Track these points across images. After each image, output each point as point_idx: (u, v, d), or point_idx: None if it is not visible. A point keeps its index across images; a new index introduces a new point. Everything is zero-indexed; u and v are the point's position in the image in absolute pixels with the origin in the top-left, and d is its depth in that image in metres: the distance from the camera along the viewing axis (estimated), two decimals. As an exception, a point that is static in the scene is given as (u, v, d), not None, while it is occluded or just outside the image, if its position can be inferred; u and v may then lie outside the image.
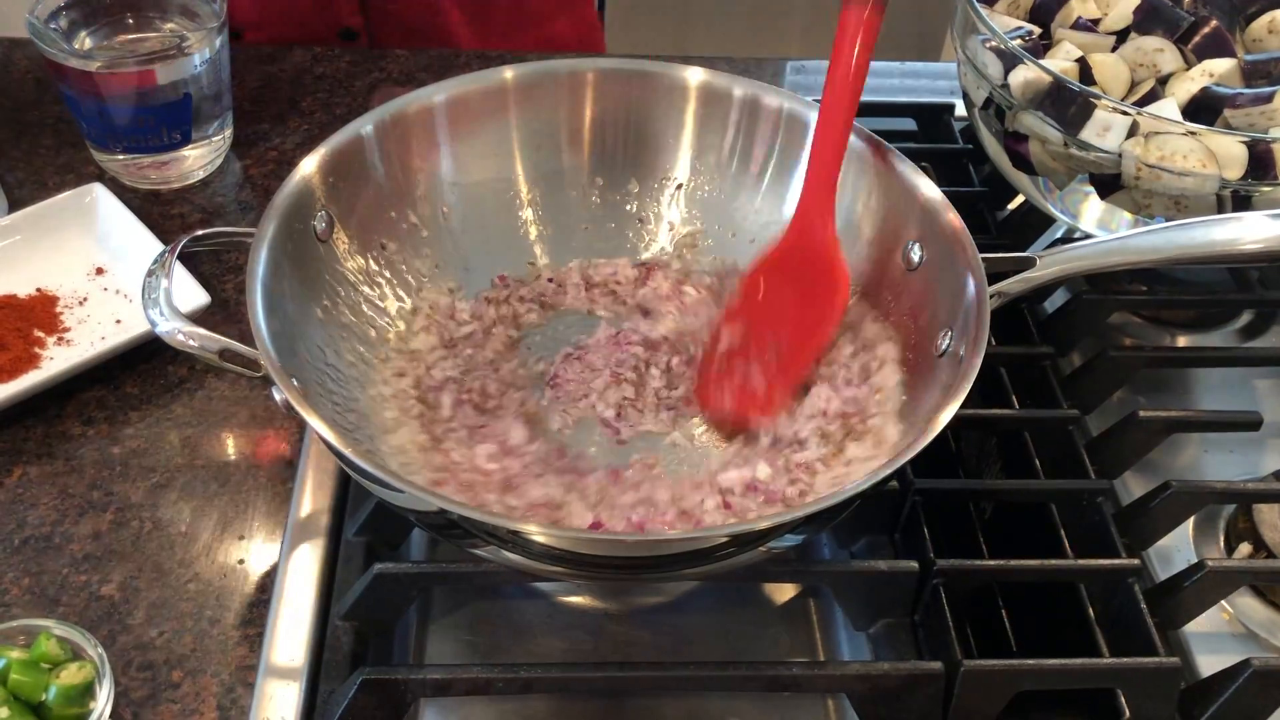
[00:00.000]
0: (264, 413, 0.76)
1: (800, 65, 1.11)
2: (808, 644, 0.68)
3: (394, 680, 0.58)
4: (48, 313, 0.80)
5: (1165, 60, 0.79)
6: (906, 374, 0.67)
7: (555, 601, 0.69)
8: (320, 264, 0.68)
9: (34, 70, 1.03)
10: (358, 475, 0.58)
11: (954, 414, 0.56)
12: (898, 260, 0.70)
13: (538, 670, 0.60)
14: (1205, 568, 0.64)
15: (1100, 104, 0.74)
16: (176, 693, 0.62)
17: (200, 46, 0.86)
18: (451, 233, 0.75)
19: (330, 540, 0.68)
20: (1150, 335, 0.87)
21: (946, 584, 0.64)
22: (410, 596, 0.65)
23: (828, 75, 0.67)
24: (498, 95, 0.74)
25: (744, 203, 0.77)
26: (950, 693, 0.61)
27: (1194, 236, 0.67)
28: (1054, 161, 0.79)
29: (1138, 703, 0.62)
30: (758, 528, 0.57)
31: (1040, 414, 0.74)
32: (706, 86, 0.75)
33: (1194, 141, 0.72)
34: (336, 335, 0.68)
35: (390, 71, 1.06)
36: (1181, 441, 0.78)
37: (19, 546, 0.68)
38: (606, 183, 0.78)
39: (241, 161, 0.96)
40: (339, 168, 0.68)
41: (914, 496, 0.67)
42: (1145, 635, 0.62)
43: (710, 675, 0.60)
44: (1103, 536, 0.67)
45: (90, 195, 0.86)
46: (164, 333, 0.60)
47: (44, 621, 0.60)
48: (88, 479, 0.72)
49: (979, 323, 0.60)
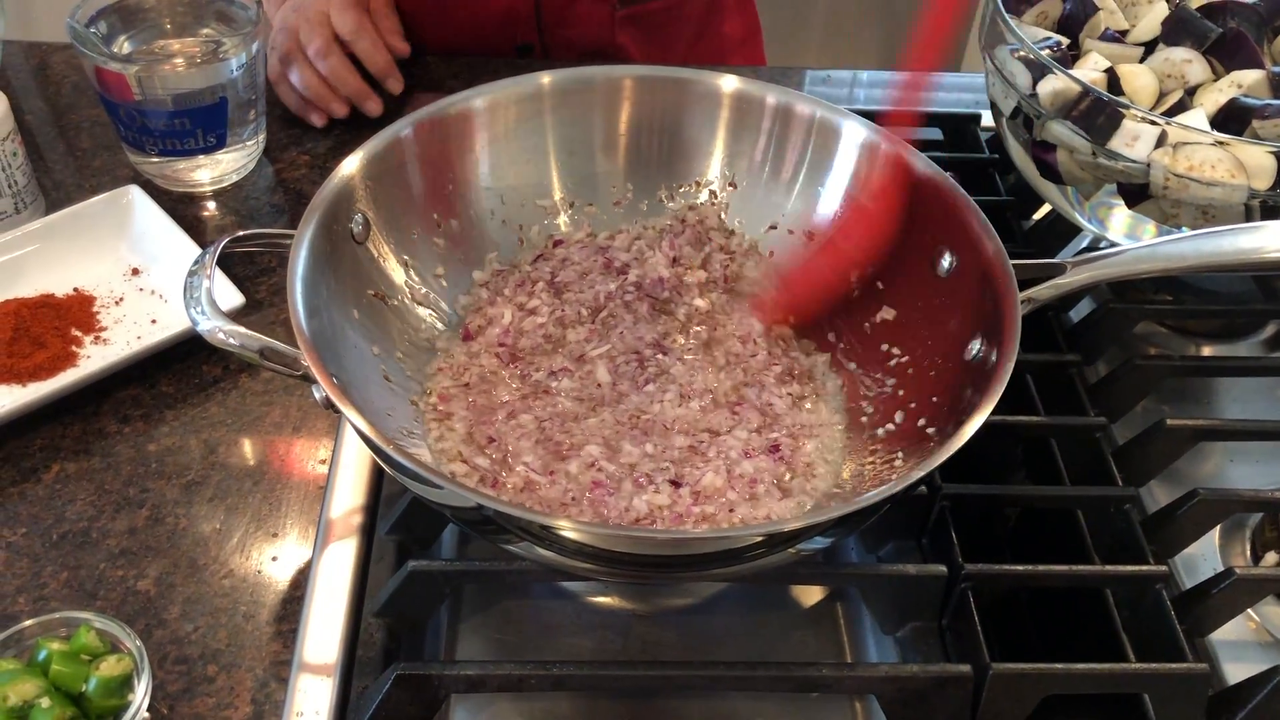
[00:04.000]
0: (297, 412, 0.77)
1: (825, 75, 1.12)
2: (834, 646, 0.69)
3: (428, 676, 0.59)
4: (85, 312, 0.81)
5: (1193, 71, 0.80)
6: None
7: (583, 601, 0.69)
8: (357, 265, 0.69)
9: (70, 74, 1.04)
10: (395, 471, 0.59)
11: (985, 419, 0.57)
12: (927, 266, 0.71)
13: (570, 668, 0.60)
14: (1234, 575, 0.65)
15: (1129, 114, 0.74)
16: (211, 686, 0.63)
17: (237, 51, 0.87)
18: (485, 235, 0.76)
19: (363, 538, 0.69)
20: (1175, 345, 0.88)
21: (974, 588, 0.64)
22: (443, 594, 0.65)
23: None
24: (534, 100, 0.75)
25: (774, 207, 0.78)
26: (979, 696, 0.61)
27: (1222, 245, 0.67)
28: (1082, 171, 0.80)
29: (1165, 709, 0.62)
30: (787, 528, 0.57)
31: (1068, 421, 0.74)
32: (740, 94, 0.76)
33: (1223, 151, 0.73)
34: (374, 335, 0.69)
35: (420, 79, 1.07)
36: (1205, 450, 0.78)
37: (57, 541, 0.69)
38: (639, 186, 0.79)
39: (274, 165, 0.97)
40: (378, 170, 0.69)
41: (942, 501, 0.68)
42: (1174, 641, 0.63)
43: (742, 675, 0.61)
44: (1131, 543, 0.67)
45: (126, 197, 0.87)
46: (205, 331, 0.61)
47: (84, 614, 0.61)
48: (124, 476, 0.73)
49: (1010, 329, 0.61)
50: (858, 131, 0.74)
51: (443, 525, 0.70)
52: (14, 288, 0.81)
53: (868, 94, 1.12)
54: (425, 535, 0.70)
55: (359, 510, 0.70)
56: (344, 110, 0.99)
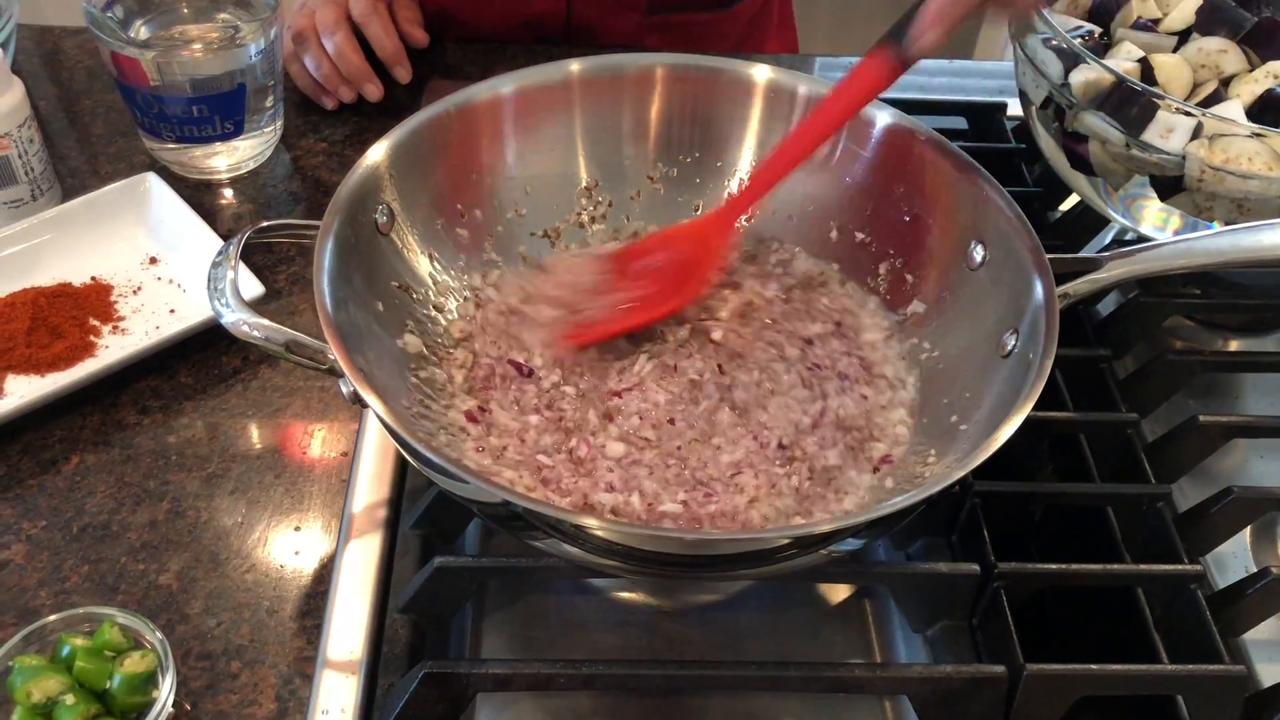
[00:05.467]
0: (319, 404, 0.76)
1: (832, 61, 1.11)
2: (862, 645, 0.68)
3: (456, 674, 0.58)
4: (103, 301, 0.80)
5: (1228, 61, 0.78)
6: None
7: (608, 597, 0.69)
8: (382, 256, 0.68)
9: (84, 59, 1.03)
10: (423, 466, 0.58)
11: (1025, 416, 0.56)
12: (960, 260, 0.70)
13: (599, 666, 0.59)
14: (1270, 575, 0.64)
15: (1164, 105, 0.73)
16: (235, 683, 0.62)
17: (255, 37, 0.86)
18: (510, 225, 0.75)
19: (387, 532, 0.68)
20: (1203, 339, 0.86)
21: (1007, 587, 0.64)
22: (468, 590, 0.64)
23: (818, 104, 0.69)
24: (563, 89, 0.74)
25: (803, 196, 0.77)
26: (1012, 696, 0.60)
27: (1261, 240, 0.66)
28: (1114, 162, 0.78)
29: (1201, 711, 0.61)
30: (819, 530, 0.56)
31: (1099, 417, 0.73)
32: (772, 84, 0.75)
33: (1260, 144, 0.72)
34: (397, 327, 0.68)
35: (437, 64, 1.06)
36: (1231, 446, 0.77)
37: (78, 534, 0.68)
38: (668, 175, 0.78)
39: (291, 153, 0.96)
40: (404, 159, 0.68)
41: (974, 499, 0.67)
42: (1209, 642, 0.62)
43: (773, 675, 0.60)
44: (1165, 541, 0.66)
45: (144, 184, 0.86)
46: (229, 323, 0.60)
47: (107, 610, 0.60)
48: (143, 468, 0.72)
49: (1049, 324, 0.60)
50: (890, 121, 0.73)
51: (468, 520, 0.70)
52: (31, 276, 0.80)
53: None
54: (449, 530, 0.69)
55: (382, 504, 0.69)
56: (351, 96, 0.98)
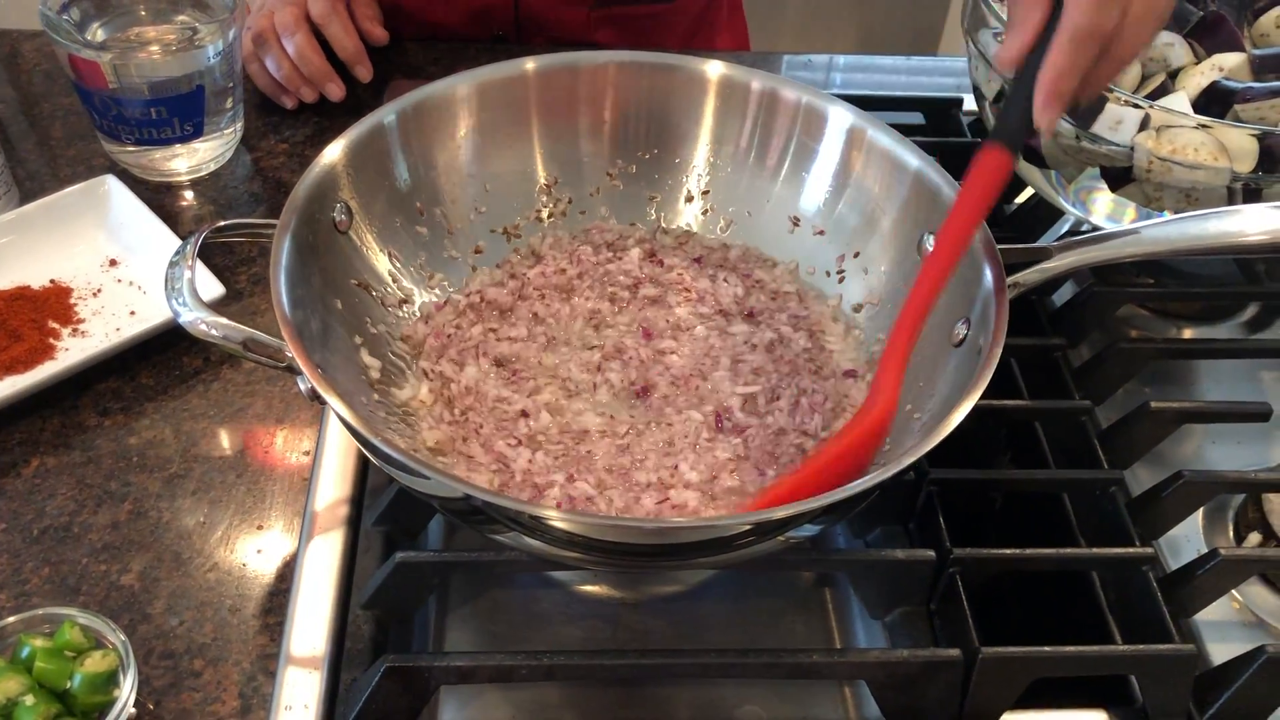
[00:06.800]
0: (280, 403, 0.77)
1: (807, 60, 1.12)
2: (823, 632, 0.69)
3: (418, 667, 0.59)
4: (62, 304, 0.80)
5: (1175, 54, 0.80)
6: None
7: (572, 590, 0.69)
8: (340, 255, 0.68)
9: (43, 62, 1.03)
10: (382, 462, 0.58)
11: (976, 402, 0.57)
12: (912, 251, 0.71)
13: (560, 658, 0.60)
14: (1219, 556, 0.65)
15: (1112, 97, 0.74)
16: (198, 681, 0.62)
17: (213, 39, 0.86)
18: (469, 223, 0.75)
19: (349, 529, 0.68)
20: (1156, 327, 0.88)
21: (963, 572, 0.64)
22: (431, 585, 0.65)
23: (945, 227, 0.63)
24: (519, 86, 0.74)
25: (759, 192, 0.78)
26: (968, 679, 0.61)
27: (1206, 228, 0.68)
28: (1065, 155, 0.80)
29: (1153, 689, 0.62)
30: (776, 516, 0.57)
31: (1053, 405, 0.74)
32: (726, 79, 0.75)
33: (1205, 135, 0.73)
34: (357, 325, 0.68)
35: (399, 65, 1.06)
36: (1186, 432, 0.79)
37: (38, 536, 0.68)
38: (626, 171, 0.79)
39: (252, 154, 0.96)
40: (360, 157, 0.69)
41: (930, 486, 0.68)
42: (1160, 623, 0.63)
43: (733, 663, 0.61)
44: (1117, 526, 0.68)
45: (103, 187, 0.86)
46: (187, 323, 0.60)
47: (67, 610, 0.60)
48: (105, 469, 0.72)
49: (999, 313, 0.61)
50: (844, 117, 0.74)
51: (429, 516, 0.70)
52: (-11, 280, 0.80)
53: (845, 78, 1.12)
54: (412, 526, 0.70)
55: (344, 502, 0.70)
56: (313, 96, 0.98)
